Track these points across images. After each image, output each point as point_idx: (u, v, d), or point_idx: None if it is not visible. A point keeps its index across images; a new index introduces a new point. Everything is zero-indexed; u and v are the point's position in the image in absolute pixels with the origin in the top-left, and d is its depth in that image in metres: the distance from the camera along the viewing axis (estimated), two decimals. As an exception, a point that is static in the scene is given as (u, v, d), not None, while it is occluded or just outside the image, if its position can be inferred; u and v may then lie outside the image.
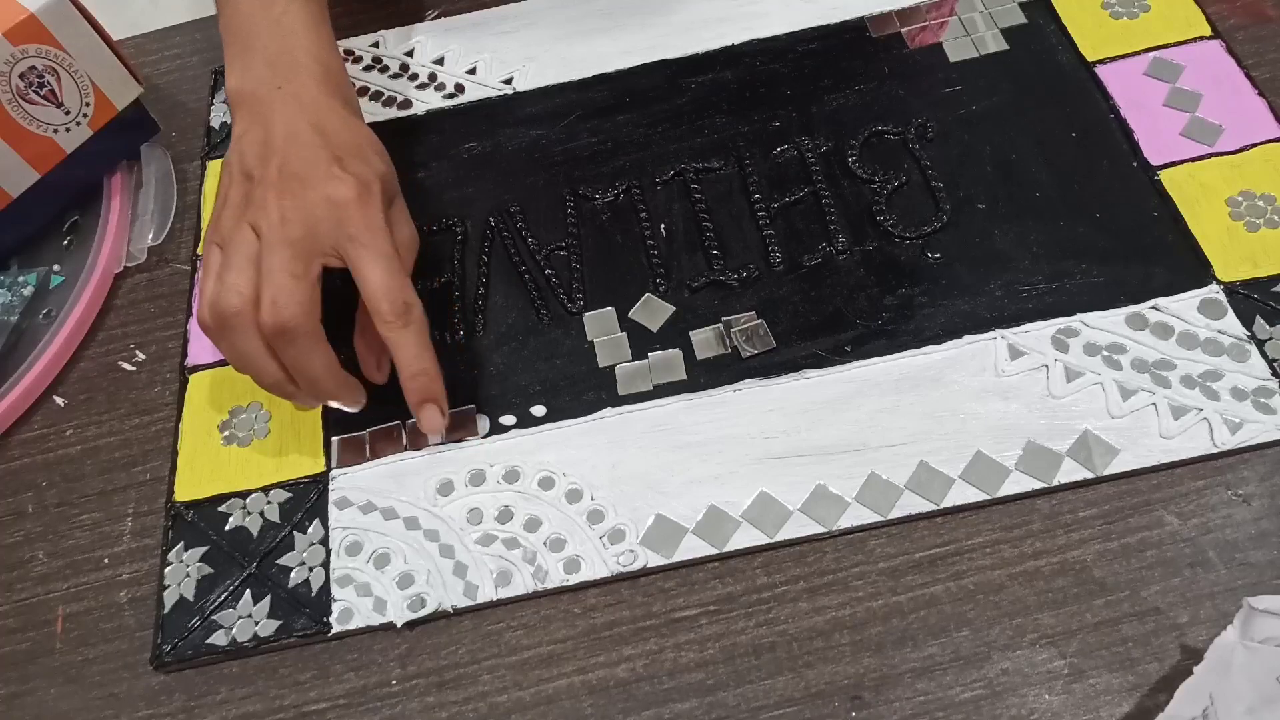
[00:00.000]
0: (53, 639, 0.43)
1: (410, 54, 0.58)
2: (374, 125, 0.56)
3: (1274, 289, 0.43)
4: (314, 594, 0.42)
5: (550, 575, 0.41)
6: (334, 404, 0.44)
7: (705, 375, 0.45)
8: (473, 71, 0.57)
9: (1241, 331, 0.43)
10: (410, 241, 0.45)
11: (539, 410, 0.45)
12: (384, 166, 0.44)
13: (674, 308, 0.47)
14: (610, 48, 0.56)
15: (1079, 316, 0.44)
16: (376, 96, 0.57)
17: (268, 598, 0.42)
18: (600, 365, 0.46)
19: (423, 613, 0.41)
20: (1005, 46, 0.53)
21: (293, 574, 0.42)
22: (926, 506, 0.41)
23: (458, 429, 0.45)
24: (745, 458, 0.43)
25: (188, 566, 0.43)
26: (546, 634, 0.40)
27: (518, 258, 0.50)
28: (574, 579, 0.41)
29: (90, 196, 0.55)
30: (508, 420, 0.45)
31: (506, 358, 0.47)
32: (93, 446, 0.48)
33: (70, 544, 0.45)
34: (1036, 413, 0.42)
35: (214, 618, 0.42)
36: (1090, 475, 0.40)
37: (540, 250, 0.50)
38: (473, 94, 0.56)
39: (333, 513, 0.44)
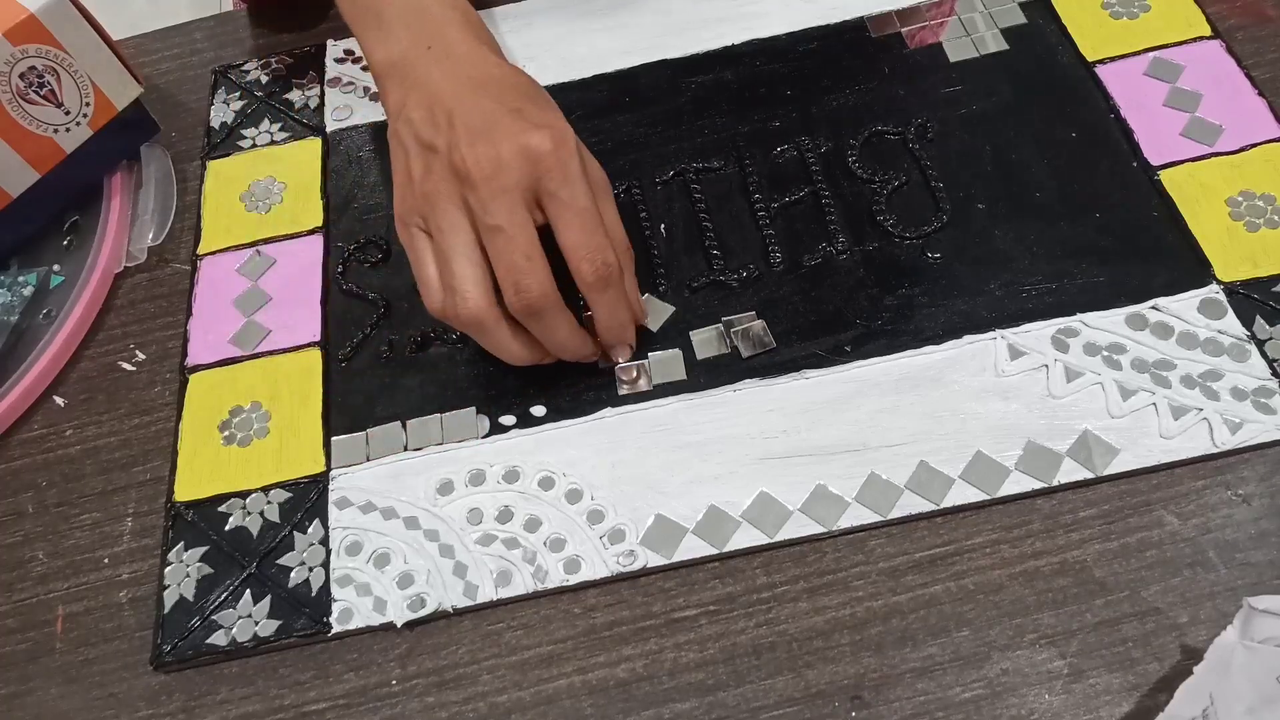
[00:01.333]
0: (53, 639, 0.43)
1: (410, 54, 0.58)
2: (374, 125, 0.56)
3: (1274, 289, 0.43)
4: (314, 594, 0.42)
5: (550, 575, 0.41)
6: (570, 359, 0.44)
7: (705, 375, 0.45)
8: (473, 71, 0.57)
9: (1241, 331, 0.43)
10: (603, 183, 0.43)
11: (539, 410, 0.45)
12: (559, 111, 0.43)
13: (674, 308, 0.47)
14: (610, 48, 0.56)
15: (1079, 316, 0.44)
16: (377, 96, 0.57)
17: (268, 598, 0.42)
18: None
19: (423, 613, 0.41)
20: (1005, 46, 0.53)
21: (293, 574, 0.42)
22: (926, 506, 0.41)
23: (459, 430, 0.45)
24: (745, 458, 0.43)
25: (188, 566, 0.43)
26: (546, 634, 0.40)
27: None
28: (574, 579, 0.41)
29: (90, 196, 0.55)
30: (508, 420, 0.45)
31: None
32: (93, 446, 0.48)
33: (70, 544, 0.45)
34: (1036, 413, 0.42)
35: (214, 618, 0.42)
36: (1090, 475, 0.40)
37: (540, 250, 0.50)
38: (473, 94, 0.56)
39: (333, 513, 0.44)
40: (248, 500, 0.44)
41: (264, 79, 0.59)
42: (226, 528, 0.44)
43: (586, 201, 0.41)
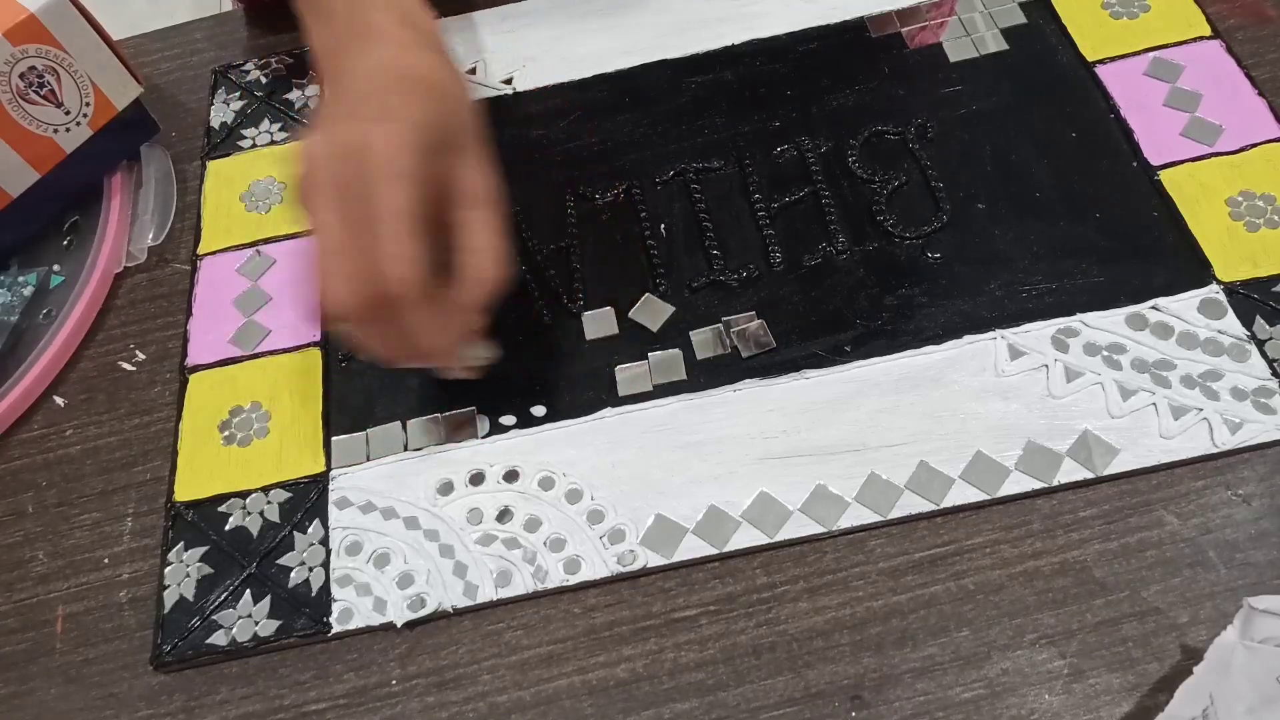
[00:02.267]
0: (53, 639, 0.43)
1: (410, 54, 0.58)
2: (374, 125, 0.56)
3: (1274, 289, 0.43)
4: (314, 594, 0.42)
5: (550, 575, 0.41)
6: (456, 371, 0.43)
7: (705, 375, 0.45)
8: (473, 71, 0.57)
9: (1241, 331, 0.43)
10: (475, 192, 0.40)
11: (539, 410, 0.45)
12: (436, 108, 0.39)
13: (674, 308, 0.47)
14: (610, 48, 0.56)
15: (1079, 316, 0.44)
16: (376, 96, 0.57)
17: (268, 598, 0.42)
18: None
19: (423, 613, 0.41)
20: (1005, 46, 0.53)
21: (293, 574, 0.42)
22: (926, 506, 0.41)
23: (458, 430, 0.45)
24: (745, 458, 0.43)
25: (188, 566, 0.43)
26: (546, 634, 0.40)
27: (518, 258, 0.50)
28: (574, 579, 0.41)
29: (90, 196, 0.55)
30: (508, 420, 0.45)
31: (506, 358, 0.47)
32: (93, 446, 0.48)
33: (70, 544, 0.45)
34: (1036, 413, 0.42)
35: (214, 618, 0.42)
36: (1090, 475, 0.40)
37: (540, 250, 0.50)
38: (472, 94, 0.56)
39: (333, 513, 0.44)
40: (248, 500, 0.44)
41: (264, 79, 0.59)
42: (226, 528, 0.44)
43: (395, 202, 0.37)
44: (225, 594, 0.42)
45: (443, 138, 0.39)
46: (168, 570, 0.43)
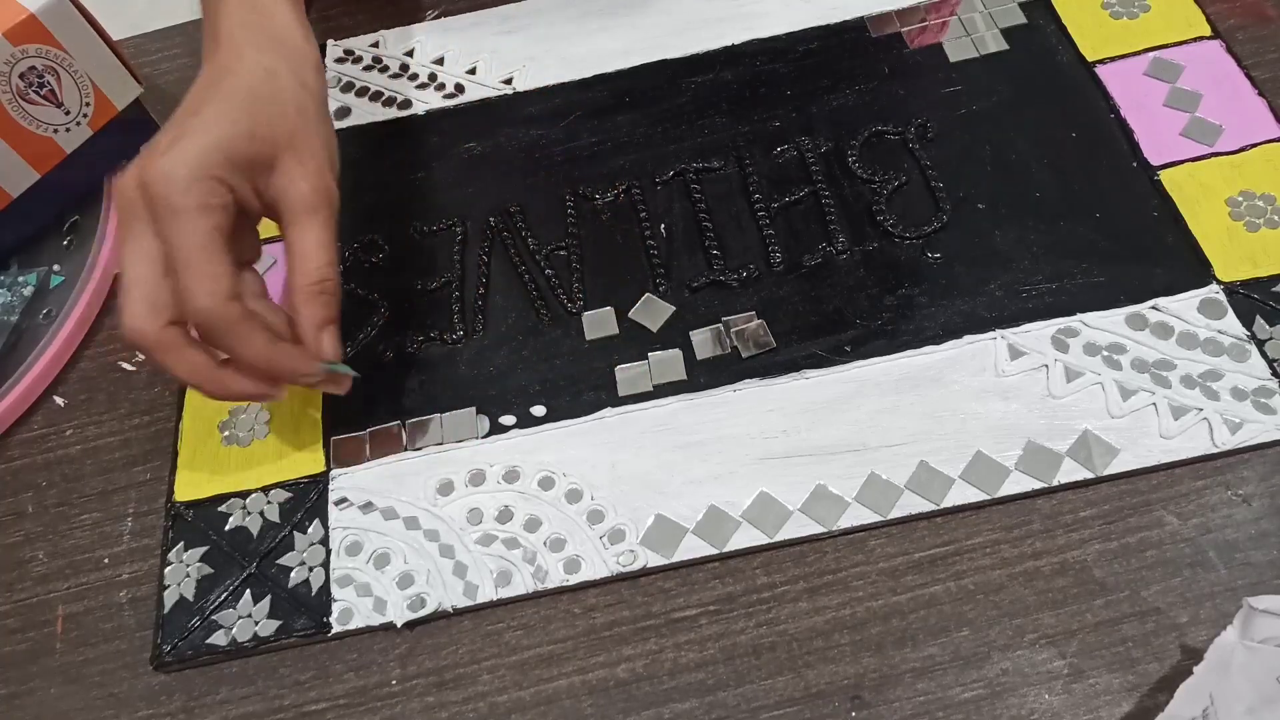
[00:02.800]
0: (53, 639, 0.43)
1: (410, 54, 0.58)
2: (374, 125, 0.56)
3: (1274, 289, 0.43)
4: (314, 594, 0.42)
5: (550, 575, 0.41)
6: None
7: (705, 375, 0.45)
8: (473, 71, 0.57)
9: (1241, 331, 0.43)
10: (301, 201, 0.40)
11: (539, 410, 0.45)
12: (241, 122, 0.39)
13: (674, 308, 0.47)
14: (610, 48, 0.56)
15: (1079, 316, 0.44)
16: (376, 96, 0.57)
17: (268, 598, 0.42)
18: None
19: (423, 613, 0.41)
20: (1005, 46, 0.53)
21: (293, 574, 0.42)
22: (926, 506, 0.41)
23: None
24: (745, 458, 0.43)
25: (188, 566, 0.43)
26: (546, 634, 0.40)
27: (518, 258, 0.50)
28: (574, 579, 0.41)
29: (90, 196, 0.55)
30: (508, 420, 0.45)
31: (506, 358, 0.47)
32: (93, 446, 0.48)
33: (70, 544, 0.45)
34: (1036, 413, 0.42)
35: (214, 618, 0.42)
36: (1090, 475, 0.40)
37: (540, 250, 0.50)
38: (473, 94, 0.56)
39: (333, 513, 0.44)
40: (248, 500, 0.44)
41: (264, 79, 0.59)
42: (226, 528, 0.44)
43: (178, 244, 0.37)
44: (225, 594, 0.42)
45: (251, 150, 0.39)
46: (168, 570, 0.43)
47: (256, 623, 0.41)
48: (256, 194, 0.40)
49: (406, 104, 0.56)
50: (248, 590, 0.42)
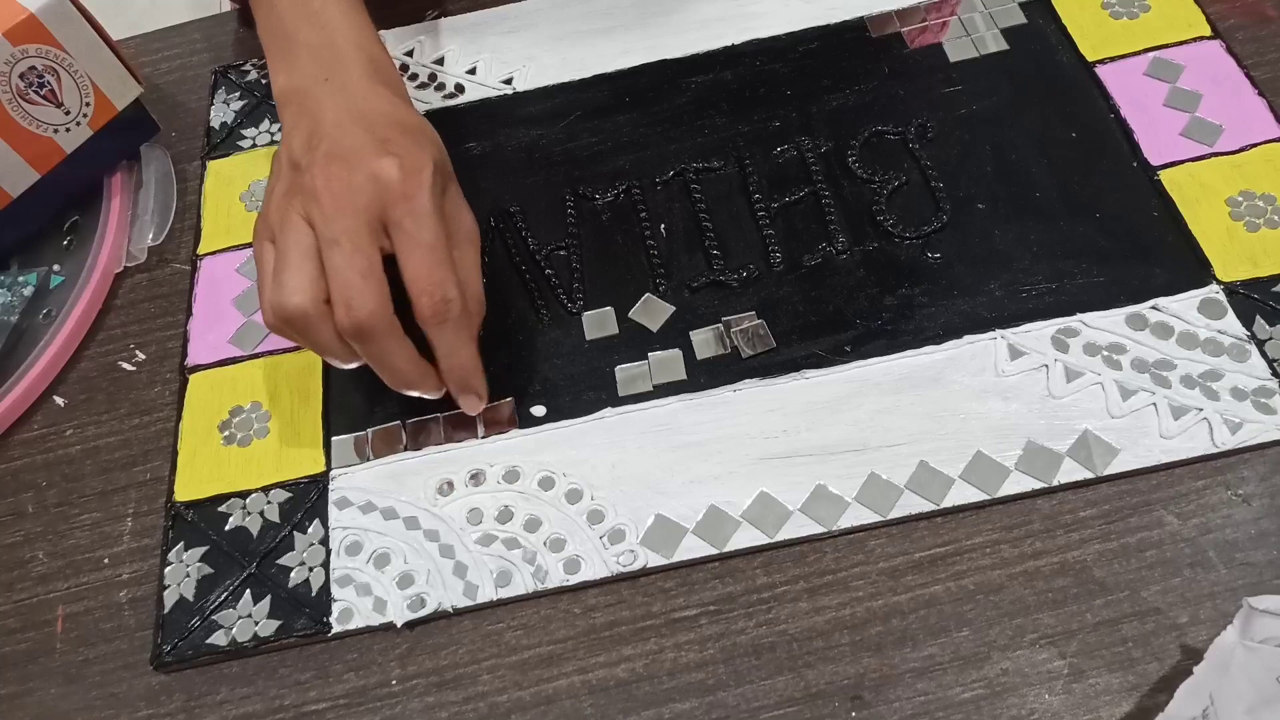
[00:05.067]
0: (53, 639, 0.43)
1: (410, 54, 0.58)
2: (374, 125, 0.56)
3: (1274, 289, 0.43)
4: (314, 594, 0.42)
5: (550, 575, 0.41)
6: (413, 393, 0.43)
7: (705, 375, 0.45)
8: (473, 71, 0.57)
9: (1241, 331, 0.43)
10: (468, 231, 0.43)
11: (539, 410, 0.45)
12: (435, 150, 0.43)
13: (674, 308, 0.47)
14: (610, 48, 0.56)
15: (1079, 316, 0.44)
16: (376, 96, 0.57)
17: (268, 598, 0.42)
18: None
19: (423, 613, 0.41)
20: (1005, 46, 0.53)
21: (293, 574, 0.42)
22: (926, 506, 0.41)
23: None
24: (745, 458, 0.43)
25: (188, 566, 0.43)
26: (546, 634, 0.40)
27: (518, 258, 0.50)
28: (574, 579, 0.41)
29: (90, 196, 0.55)
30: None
31: (506, 358, 0.47)
32: (93, 446, 0.48)
33: (70, 544, 0.45)
34: (1036, 413, 0.42)
35: (214, 618, 0.42)
36: (1090, 475, 0.40)
37: (540, 250, 0.50)
38: (473, 94, 0.56)
39: (333, 513, 0.44)
40: (248, 500, 0.44)
41: (264, 79, 0.59)
42: (226, 528, 0.44)
43: (431, 237, 0.40)
44: (225, 594, 0.42)
45: (442, 176, 0.42)
46: (168, 570, 0.43)
47: (256, 623, 0.41)
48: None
49: (406, 104, 0.56)
50: (248, 590, 0.42)
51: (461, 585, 0.41)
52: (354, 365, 0.42)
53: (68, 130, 0.52)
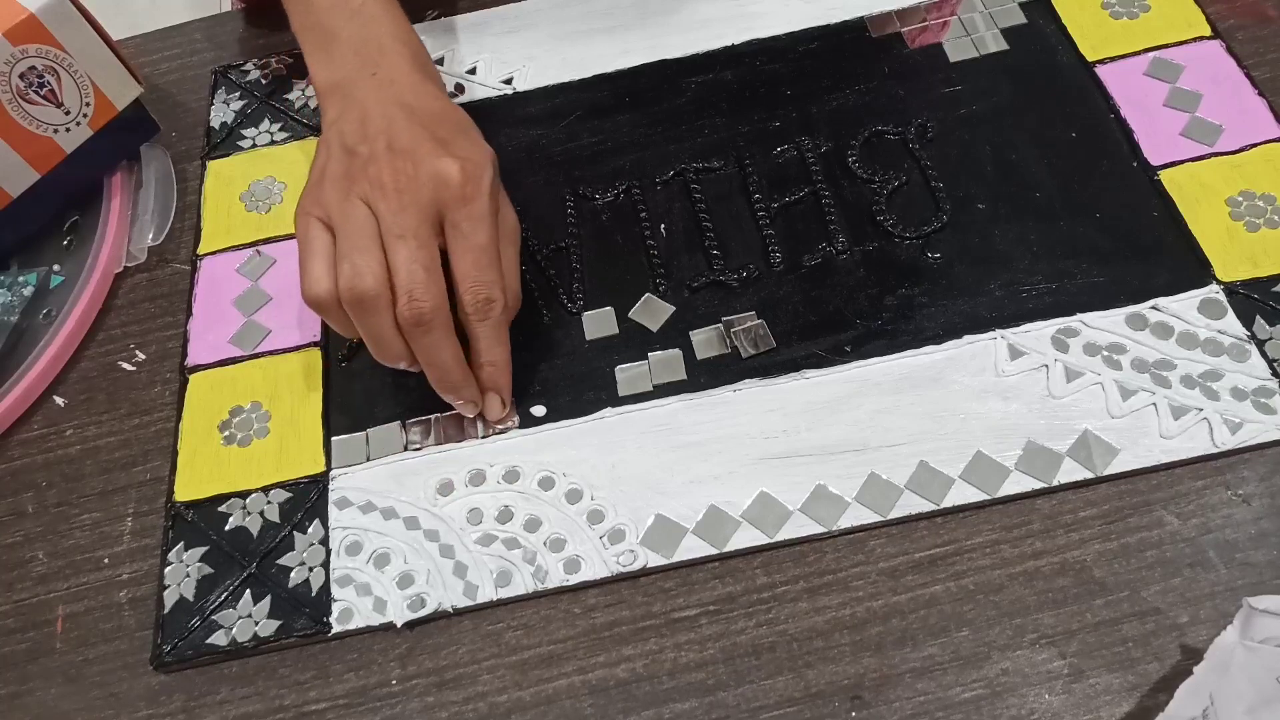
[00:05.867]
0: (53, 639, 0.43)
1: (410, 54, 0.58)
2: (374, 125, 0.56)
3: (1274, 289, 0.43)
4: (314, 594, 0.42)
5: (550, 575, 0.41)
6: (453, 398, 0.44)
7: (705, 375, 0.45)
8: (473, 71, 0.57)
9: (1241, 331, 0.43)
10: (512, 229, 0.45)
11: (539, 410, 0.45)
12: (491, 152, 0.44)
13: (674, 308, 0.47)
14: (610, 48, 0.56)
15: (1079, 316, 0.44)
16: (376, 96, 0.57)
17: (268, 598, 0.42)
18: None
19: (423, 613, 0.41)
20: (1005, 46, 0.53)
21: (293, 574, 0.42)
22: (926, 506, 0.41)
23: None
24: (745, 458, 0.43)
25: (188, 566, 0.43)
26: (546, 634, 0.40)
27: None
28: (574, 579, 0.41)
29: (90, 196, 0.55)
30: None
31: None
32: (93, 446, 0.48)
33: (70, 544, 0.45)
34: (1036, 413, 0.42)
35: (214, 618, 0.42)
36: (1090, 475, 0.40)
37: (540, 250, 0.50)
38: (473, 94, 0.56)
39: (333, 513, 0.44)
40: (248, 500, 0.44)
41: (264, 79, 0.59)
42: (226, 528, 0.44)
43: (485, 238, 0.41)
44: (225, 594, 0.42)
45: (497, 178, 0.43)
46: (168, 570, 0.43)
47: (256, 623, 0.41)
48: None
49: (406, 104, 0.56)
50: (248, 590, 0.42)
51: (461, 585, 0.41)
52: (400, 364, 0.43)
53: (68, 130, 0.52)
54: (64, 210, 0.54)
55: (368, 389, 0.47)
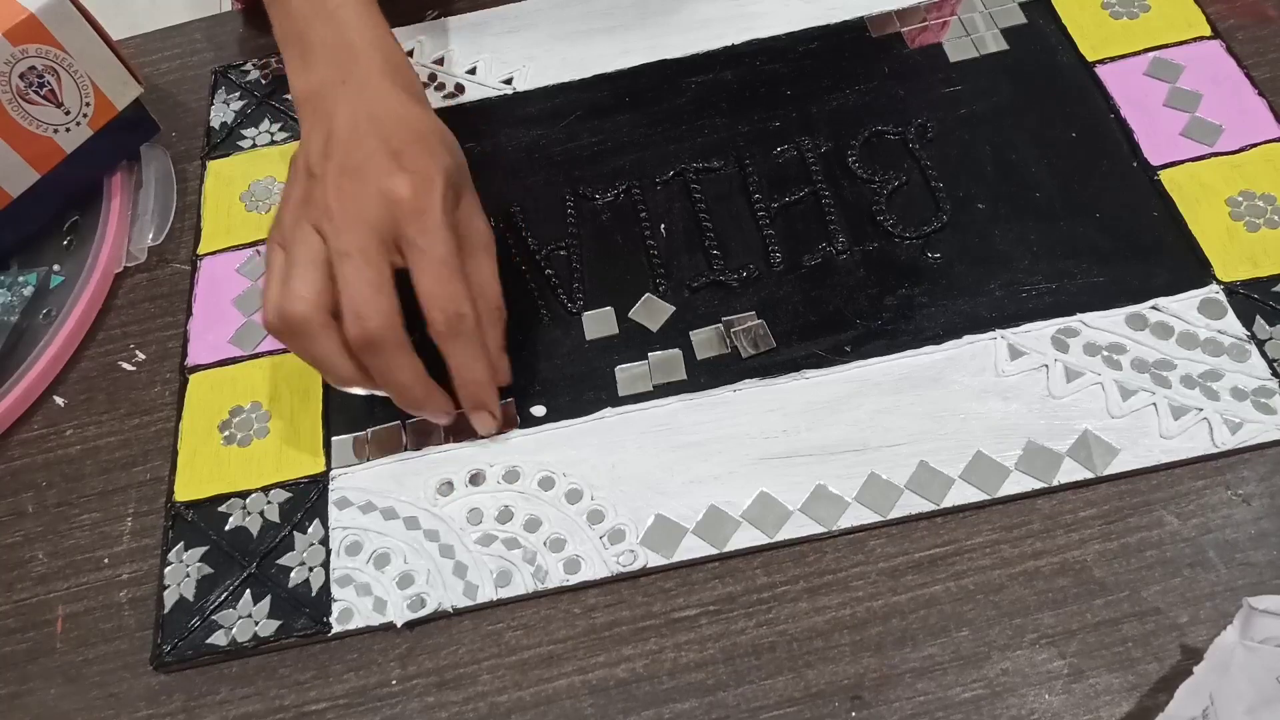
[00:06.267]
0: (53, 639, 0.43)
1: (410, 54, 0.58)
2: (374, 125, 0.56)
3: (1274, 289, 0.43)
4: (314, 594, 0.42)
5: (550, 575, 0.41)
6: (422, 414, 0.43)
7: (705, 375, 0.45)
8: (473, 71, 0.57)
9: (1241, 331, 0.43)
10: (482, 238, 0.44)
11: (539, 410, 0.45)
12: (449, 158, 0.43)
13: (674, 308, 0.47)
14: (610, 48, 0.56)
15: (1079, 316, 0.44)
16: (376, 96, 0.57)
17: (268, 598, 0.42)
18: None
19: (423, 613, 0.41)
20: (1005, 46, 0.53)
21: (293, 574, 0.42)
22: (926, 506, 0.41)
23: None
24: (745, 458, 0.43)
25: (188, 566, 0.43)
26: (546, 634, 0.40)
27: (518, 258, 0.50)
28: (574, 579, 0.41)
29: (90, 196, 0.55)
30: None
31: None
32: (93, 446, 0.48)
33: (70, 544, 0.45)
34: (1036, 413, 0.42)
35: (214, 618, 0.42)
36: (1090, 475, 0.40)
37: (540, 250, 0.50)
38: (473, 94, 0.56)
39: (333, 513, 0.44)
40: (248, 500, 0.44)
41: (264, 79, 0.59)
42: (226, 528, 0.44)
43: (443, 250, 0.40)
44: (225, 594, 0.42)
45: (454, 187, 0.42)
46: (168, 570, 0.43)
47: (256, 623, 0.41)
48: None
49: (406, 104, 0.56)
50: (248, 590, 0.42)
51: (461, 585, 0.41)
52: (354, 389, 0.42)
53: (68, 130, 0.52)
54: (64, 210, 0.54)
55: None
